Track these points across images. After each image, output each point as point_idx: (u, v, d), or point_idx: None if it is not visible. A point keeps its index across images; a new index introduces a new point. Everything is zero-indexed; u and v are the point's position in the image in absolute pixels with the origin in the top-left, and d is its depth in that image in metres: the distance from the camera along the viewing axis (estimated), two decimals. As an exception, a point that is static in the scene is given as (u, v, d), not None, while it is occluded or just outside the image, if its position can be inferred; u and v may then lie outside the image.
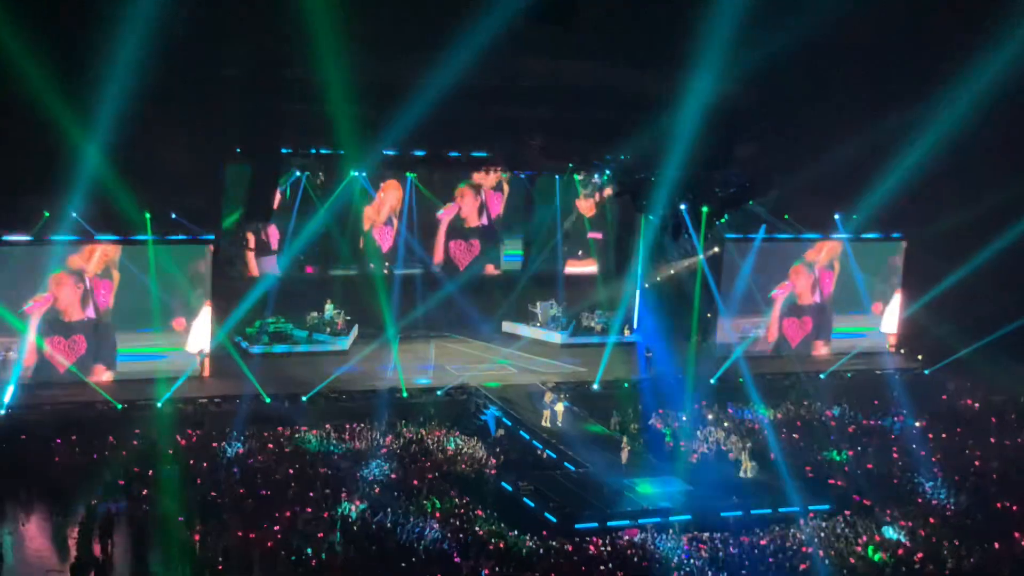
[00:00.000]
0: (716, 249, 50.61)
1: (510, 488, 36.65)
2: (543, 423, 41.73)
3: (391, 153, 48.99)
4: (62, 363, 42.24)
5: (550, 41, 43.05)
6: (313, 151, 48.80)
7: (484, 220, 54.37)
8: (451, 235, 54.06)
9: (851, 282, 53.00)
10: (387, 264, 52.35)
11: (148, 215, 42.07)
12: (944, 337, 49.94)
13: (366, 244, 51.99)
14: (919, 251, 52.61)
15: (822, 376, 49.60)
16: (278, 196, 48.89)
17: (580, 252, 55.82)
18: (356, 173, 49.93)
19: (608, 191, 54.17)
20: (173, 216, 43.59)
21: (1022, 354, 48.21)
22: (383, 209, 52.19)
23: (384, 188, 51.93)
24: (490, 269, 54.88)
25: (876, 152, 47.15)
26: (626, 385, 46.62)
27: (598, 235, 55.44)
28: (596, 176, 54.33)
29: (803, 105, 47.61)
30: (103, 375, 42.84)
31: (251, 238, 49.48)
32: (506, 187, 54.31)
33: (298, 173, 49.23)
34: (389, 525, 32.16)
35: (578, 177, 54.79)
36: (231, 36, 41.35)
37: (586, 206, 55.51)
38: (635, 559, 31.54)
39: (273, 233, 50.29)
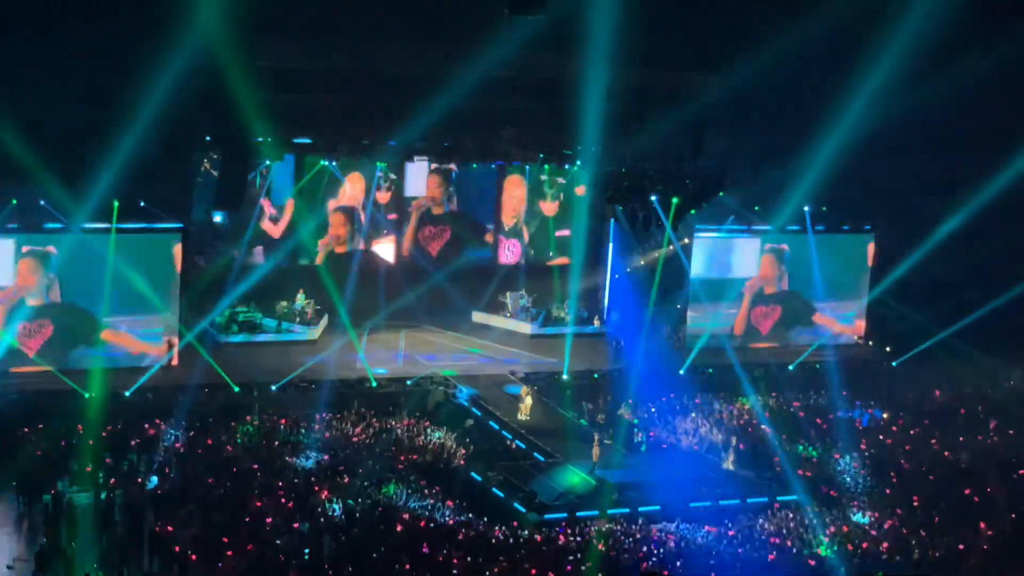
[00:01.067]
0: (686, 240, 50.73)
1: (479, 478, 36.70)
2: (519, 416, 41.75)
3: (363, 143, 48.69)
4: (29, 349, 42.05)
5: (522, 31, 43.01)
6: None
7: (454, 207, 54.19)
8: (421, 223, 53.94)
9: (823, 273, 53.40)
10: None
11: (116, 203, 41.85)
12: (912, 328, 50.23)
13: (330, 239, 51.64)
14: (888, 243, 52.82)
15: (791, 367, 49.82)
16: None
17: (550, 253, 55.58)
18: (326, 163, 49.75)
19: (580, 189, 53.78)
20: (142, 204, 43.33)
21: (988, 346, 48.60)
22: (344, 202, 51.76)
23: (348, 180, 51.47)
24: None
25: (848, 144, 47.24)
26: (596, 376, 46.74)
27: (566, 232, 55.13)
28: (560, 177, 54.15)
29: (776, 97, 47.68)
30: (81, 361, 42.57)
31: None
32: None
33: (268, 162, 48.84)
34: (358, 515, 32.19)
35: (546, 179, 54.58)
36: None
37: (550, 208, 55.22)
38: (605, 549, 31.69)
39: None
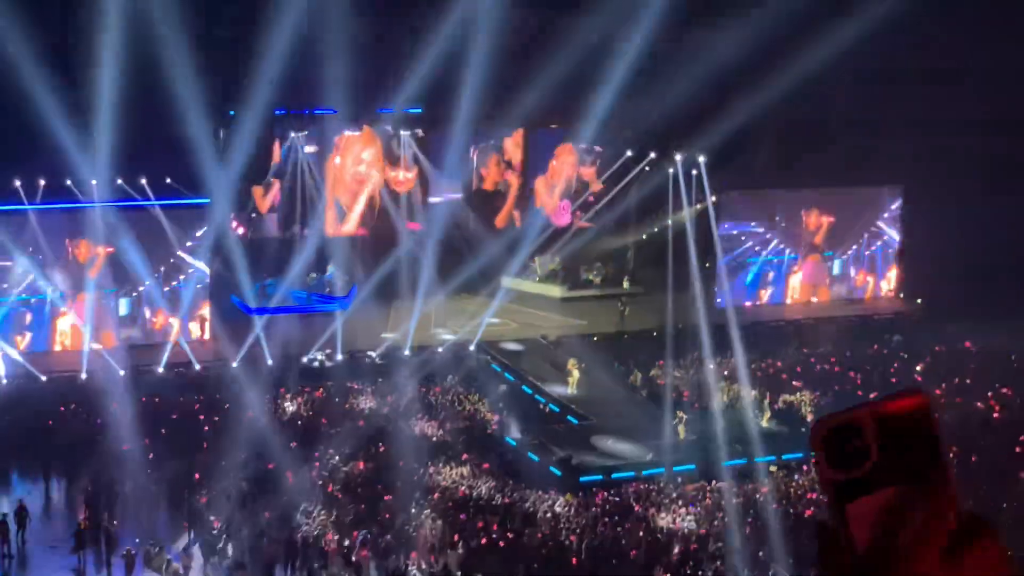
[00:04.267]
0: (714, 199, 50.45)
1: (514, 443, 36.79)
2: (568, 391, 41.70)
3: (388, 112, 48.51)
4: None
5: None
6: (307, 112, 48.29)
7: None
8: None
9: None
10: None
11: (144, 180, 42.02)
12: (945, 282, 49.76)
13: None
14: (918, 197, 52.36)
15: (822, 322, 49.68)
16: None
17: (580, 214, 55.25)
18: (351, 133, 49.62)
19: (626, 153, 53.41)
20: (168, 181, 43.40)
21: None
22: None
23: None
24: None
25: (878, 101, 46.83)
26: (625, 336, 46.72)
27: (593, 199, 54.81)
28: (596, 145, 53.76)
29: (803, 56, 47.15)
30: (110, 340, 42.82)
31: (258, 195, 49.10)
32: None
33: (293, 134, 48.81)
34: (399, 484, 32.32)
35: (585, 147, 54.27)
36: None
37: (588, 173, 54.95)
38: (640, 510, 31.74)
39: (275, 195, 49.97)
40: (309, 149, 49.24)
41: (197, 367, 41.02)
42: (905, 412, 2.22)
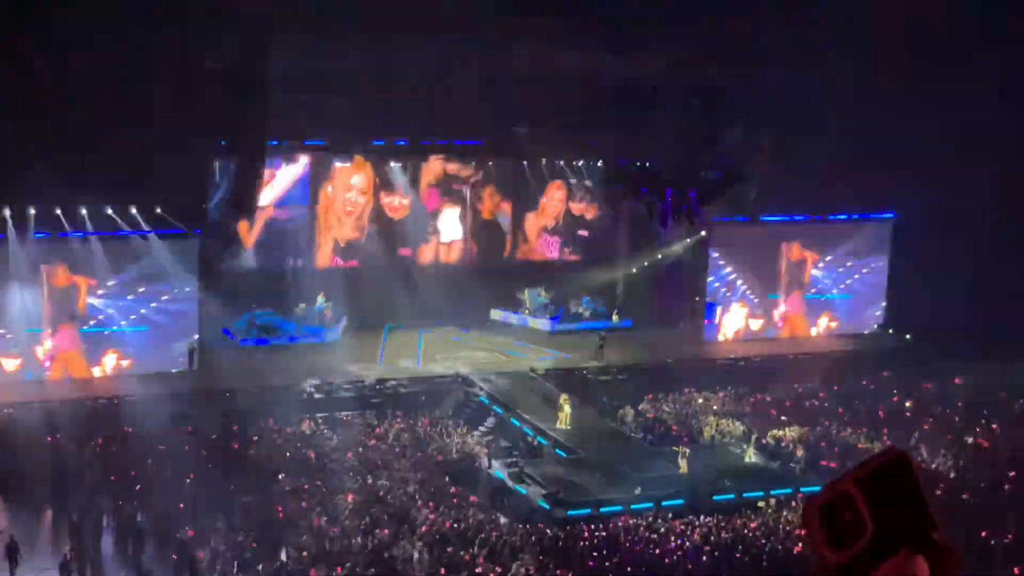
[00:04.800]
0: (703, 233, 50.55)
1: (501, 476, 36.69)
2: (558, 425, 41.47)
3: (379, 144, 48.63)
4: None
5: (537, 28, 43.08)
6: (299, 143, 48.29)
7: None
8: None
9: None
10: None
11: (134, 209, 41.93)
12: (933, 316, 49.78)
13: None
14: (908, 228, 52.37)
15: (810, 357, 49.72)
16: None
17: (568, 249, 55.38)
18: (342, 164, 49.77)
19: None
20: (158, 211, 43.30)
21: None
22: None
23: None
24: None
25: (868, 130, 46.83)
26: (615, 371, 46.68)
27: (585, 232, 55.01)
28: (588, 180, 53.92)
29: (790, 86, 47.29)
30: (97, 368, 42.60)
31: (243, 229, 48.98)
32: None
33: (284, 165, 48.91)
34: (386, 517, 32.14)
35: (575, 183, 54.46)
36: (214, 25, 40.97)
37: (578, 208, 55.08)
38: (628, 545, 31.60)
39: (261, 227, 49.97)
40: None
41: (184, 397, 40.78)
42: (885, 470, 2.20)
